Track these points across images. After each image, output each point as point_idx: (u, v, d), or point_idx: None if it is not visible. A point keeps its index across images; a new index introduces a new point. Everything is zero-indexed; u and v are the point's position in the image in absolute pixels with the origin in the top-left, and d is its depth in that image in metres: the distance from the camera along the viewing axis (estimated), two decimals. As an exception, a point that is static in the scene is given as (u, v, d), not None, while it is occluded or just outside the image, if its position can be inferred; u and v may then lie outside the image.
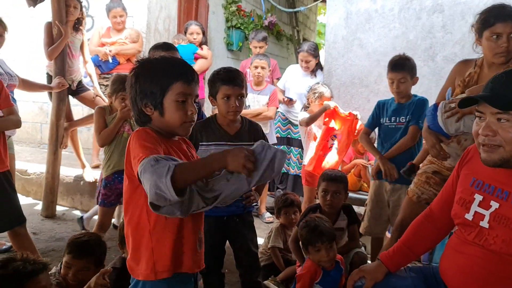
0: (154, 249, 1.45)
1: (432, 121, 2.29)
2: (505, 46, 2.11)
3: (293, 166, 4.45)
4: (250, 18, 7.31)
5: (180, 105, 1.48)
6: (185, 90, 1.48)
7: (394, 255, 1.82)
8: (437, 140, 2.28)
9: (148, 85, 1.48)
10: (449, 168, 2.29)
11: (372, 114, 2.99)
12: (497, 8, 2.16)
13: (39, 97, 5.51)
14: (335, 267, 2.37)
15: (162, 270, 1.46)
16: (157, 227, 1.45)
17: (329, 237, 2.33)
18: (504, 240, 1.48)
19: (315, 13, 11.91)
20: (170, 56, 1.59)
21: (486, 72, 2.24)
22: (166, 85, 1.47)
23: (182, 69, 1.51)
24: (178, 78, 1.48)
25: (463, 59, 2.45)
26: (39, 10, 4.23)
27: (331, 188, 2.78)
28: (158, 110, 1.48)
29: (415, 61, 2.93)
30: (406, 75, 2.77)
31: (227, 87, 2.20)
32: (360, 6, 4.45)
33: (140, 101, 1.50)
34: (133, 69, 1.53)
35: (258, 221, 4.22)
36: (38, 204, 4.25)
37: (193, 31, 4.89)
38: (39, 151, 5.59)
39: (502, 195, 1.52)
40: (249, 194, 2.32)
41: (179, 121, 1.49)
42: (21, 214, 2.61)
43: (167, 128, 1.51)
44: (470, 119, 2.15)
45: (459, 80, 2.34)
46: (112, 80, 3.02)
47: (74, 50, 4.18)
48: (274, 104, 4.17)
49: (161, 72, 1.49)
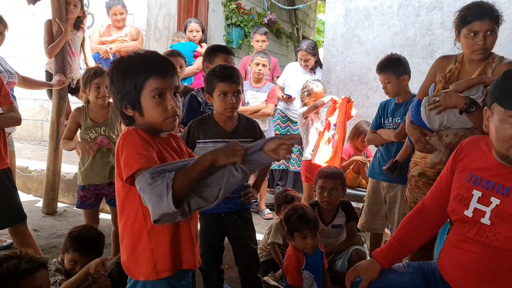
0: (153, 250, 1.44)
1: (415, 116, 2.30)
2: (481, 43, 2.13)
3: (293, 163, 4.47)
4: (250, 16, 7.31)
5: (158, 101, 1.42)
6: (160, 85, 1.42)
7: (387, 252, 1.82)
8: (421, 134, 2.28)
9: (122, 85, 1.43)
10: (432, 165, 2.30)
11: (375, 116, 2.98)
12: (475, 6, 2.18)
13: (40, 95, 5.52)
14: (315, 251, 2.40)
15: (163, 269, 1.45)
16: (155, 228, 1.42)
17: (314, 225, 2.36)
18: (506, 236, 1.48)
19: (315, 11, 11.91)
20: (142, 51, 1.50)
21: (467, 67, 2.26)
22: (140, 83, 1.41)
23: (154, 63, 1.45)
24: (150, 74, 1.41)
25: (443, 55, 2.46)
26: (39, 7, 4.25)
27: (328, 185, 2.80)
28: (137, 110, 1.43)
29: (414, 58, 2.94)
30: (390, 75, 2.77)
31: (224, 84, 2.20)
32: (359, 3, 4.46)
33: (119, 103, 1.45)
34: (108, 72, 1.49)
35: (258, 217, 4.24)
36: (39, 201, 4.26)
37: (192, 28, 4.89)
38: (39, 148, 5.60)
39: (503, 191, 1.52)
40: (247, 191, 2.33)
41: (160, 118, 1.43)
42: (21, 211, 2.62)
43: (151, 126, 1.46)
44: (453, 113, 2.17)
45: (440, 76, 2.35)
46: (82, 75, 2.89)
47: (74, 48, 4.19)
48: (272, 101, 4.19)
49: (132, 70, 1.42)
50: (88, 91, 2.79)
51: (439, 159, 2.26)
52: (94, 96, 2.77)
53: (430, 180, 2.29)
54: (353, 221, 2.94)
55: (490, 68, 2.19)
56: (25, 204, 3.31)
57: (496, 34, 2.16)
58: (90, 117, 2.83)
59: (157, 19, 5.53)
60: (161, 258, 1.45)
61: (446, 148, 2.23)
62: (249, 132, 2.35)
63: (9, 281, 1.68)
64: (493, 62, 2.19)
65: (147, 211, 1.39)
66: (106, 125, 2.84)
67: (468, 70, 2.25)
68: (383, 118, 2.91)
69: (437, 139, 2.27)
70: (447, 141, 2.22)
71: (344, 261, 2.81)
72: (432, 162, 2.29)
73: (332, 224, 2.90)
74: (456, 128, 2.20)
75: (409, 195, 2.45)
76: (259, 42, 4.81)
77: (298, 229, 2.36)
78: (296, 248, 2.38)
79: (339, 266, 2.83)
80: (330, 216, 2.90)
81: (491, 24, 2.12)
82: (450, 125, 2.20)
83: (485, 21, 2.11)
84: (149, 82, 1.41)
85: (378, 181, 2.86)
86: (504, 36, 3.94)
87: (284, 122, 4.59)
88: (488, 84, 2.10)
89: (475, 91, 2.12)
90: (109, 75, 1.47)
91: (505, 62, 2.19)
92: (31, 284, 1.72)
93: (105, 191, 2.82)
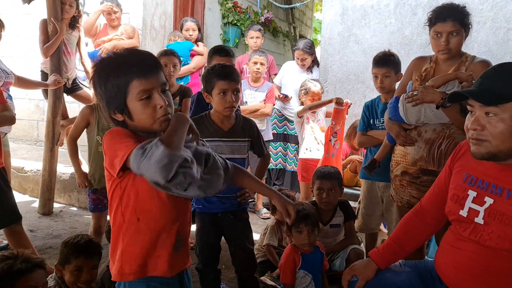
0: (123, 251, 1.41)
1: (393, 113, 2.38)
2: (444, 44, 2.24)
3: (290, 162, 4.47)
4: (247, 15, 7.30)
5: (146, 103, 1.33)
6: (145, 86, 1.32)
7: (384, 252, 1.82)
8: (400, 128, 2.36)
9: (105, 90, 1.35)
10: (413, 163, 2.32)
11: (362, 118, 2.98)
12: (440, 8, 2.28)
13: (35, 94, 5.50)
14: (314, 251, 2.40)
15: (128, 272, 1.41)
16: (129, 229, 1.40)
17: (312, 220, 2.35)
18: (499, 235, 1.49)
19: (311, 9, 11.90)
20: (122, 51, 1.39)
21: (442, 66, 2.36)
22: (123, 87, 1.32)
23: (135, 63, 1.34)
24: (133, 75, 1.32)
25: (419, 56, 2.57)
26: (34, 7, 4.23)
27: (326, 186, 2.79)
28: (126, 115, 1.36)
29: (411, 56, 2.93)
30: (390, 70, 2.79)
31: (224, 82, 2.19)
32: (356, 2, 4.45)
33: (106, 108, 1.38)
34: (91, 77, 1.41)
35: (255, 217, 4.24)
36: (35, 201, 4.24)
37: (189, 27, 4.88)
38: (35, 149, 5.58)
39: (497, 190, 1.53)
40: (243, 191, 2.32)
41: (150, 120, 1.35)
42: (16, 211, 2.60)
43: (143, 129, 1.39)
44: (430, 109, 2.23)
45: (416, 75, 2.43)
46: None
47: (70, 48, 4.17)
48: (271, 101, 4.20)
49: (113, 74, 1.33)
50: None
51: (419, 155, 2.30)
52: None
53: (413, 178, 2.33)
54: (351, 221, 2.94)
55: (463, 66, 2.29)
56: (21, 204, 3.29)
57: (461, 34, 2.25)
58: (104, 118, 2.76)
59: (153, 18, 5.51)
60: (128, 261, 1.41)
61: (426, 143, 2.28)
62: (247, 132, 2.35)
63: (4, 281, 1.66)
64: (466, 61, 2.31)
65: (125, 211, 1.37)
66: None
67: (443, 69, 2.34)
68: (373, 119, 2.92)
69: (417, 135, 2.31)
70: (427, 137, 2.28)
71: (342, 260, 2.81)
72: (413, 159, 2.33)
73: (330, 224, 2.90)
74: (434, 124, 2.27)
75: (395, 195, 2.48)
76: (254, 38, 4.82)
77: (295, 224, 2.37)
78: (294, 248, 2.37)
79: (337, 265, 2.83)
80: (328, 216, 2.89)
81: (454, 25, 2.22)
82: (428, 121, 2.28)
83: (448, 22, 2.22)
84: (133, 85, 1.32)
85: (373, 182, 2.86)
86: (500, 35, 3.95)
87: (281, 121, 4.59)
88: (463, 80, 2.20)
89: (451, 86, 2.21)
90: (92, 80, 1.40)
91: (476, 60, 2.30)
92: (26, 284, 1.70)
93: None
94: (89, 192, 2.86)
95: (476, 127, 1.49)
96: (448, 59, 2.31)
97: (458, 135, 2.19)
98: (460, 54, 2.33)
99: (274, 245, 2.98)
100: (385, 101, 2.84)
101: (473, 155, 1.53)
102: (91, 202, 2.87)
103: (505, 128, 1.44)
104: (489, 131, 1.47)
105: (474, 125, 1.49)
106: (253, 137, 2.38)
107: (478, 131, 1.49)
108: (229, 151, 2.30)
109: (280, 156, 4.52)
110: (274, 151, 4.51)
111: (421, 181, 2.31)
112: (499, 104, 1.44)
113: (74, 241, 2.09)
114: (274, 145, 4.52)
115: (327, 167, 2.97)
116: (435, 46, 2.30)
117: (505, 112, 1.43)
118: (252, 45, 4.84)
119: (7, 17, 5.15)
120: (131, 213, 1.40)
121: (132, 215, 1.40)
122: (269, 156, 2.64)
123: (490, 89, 1.48)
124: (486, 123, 1.47)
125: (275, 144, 4.52)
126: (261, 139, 2.47)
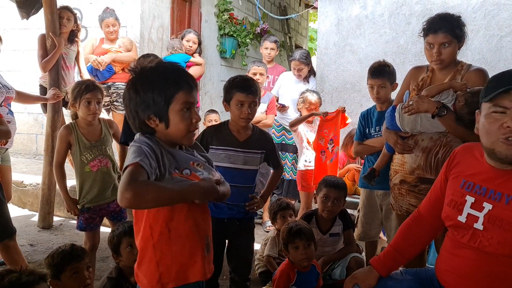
0: (159, 263, 1.45)
1: (390, 122, 2.42)
2: (436, 55, 2.27)
3: (288, 171, 4.47)
4: (243, 26, 7.36)
5: (186, 114, 1.45)
6: (188, 99, 1.45)
7: (385, 260, 1.83)
8: (397, 136, 2.39)
9: (150, 96, 1.42)
10: (411, 171, 2.35)
11: (358, 127, 3.02)
12: (432, 19, 2.31)
13: (34, 108, 5.51)
14: (310, 270, 2.41)
15: (167, 281, 1.46)
16: (161, 240, 1.45)
17: (307, 235, 2.39)
18: (499, 241, 1.49)
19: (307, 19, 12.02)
20: (168, 63, 1.54)
21: (438, 76, 2.38)
22: (170, 95, 1.42)
23: (184, 77, 1.47)
24: (181, 87, 1.44)
25: (416, 66, 2.59)
26: (32, 22, 4.26)
27: (333, 195, 2.80)
28: (164, 122, 1.44)
29: (406, 65, 2.98)
30: (385, 81, 2.82)
31: (242, 94, 2.27)
32: (350, 13, 4.51)
33: (142, 113, 1.44)
34: (130, 81, 1.48)
35: (260, 228, 4.22)
36: (35, 215, 4.24)
37: (190, 39, 4.92)
38: (34, 162, 5.58)
39: (495, 196, 1.53)
40: (252, 201, 2.35)
41: (185, 131, 1.46)
42: (10, 226, 2.55)
43: (171, 139, 1.48)
44: (426, 118, 2.25)
45: (413, 85, 2.46)
46: (72, 88, 2.69)
47: (68, 62, 4.20)
48: (272, 112, 4.20)
49: (162, 82, 1.43)
50: (78, 105, 2.62)
51: (417, 164, 2.32)
52: (84, 112, 2.62)
53: (411, 186, 2.35)
54: (351, 229, 2.95)
55: (459, 75, 2.31)
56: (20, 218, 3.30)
57: (453, 45, 2.27)
58: (85, 136, 2.68)
59: (151, 31, 5.55)
60: (166, 271, 1.46)
61: (423, 152, 2.30)
62: (262, 144, 2.40)
63: None
64: (462, 70, 2.32)
65: (154, 224, 1.42)
66: (102, 143, 2.72)
67: (439, 78, 2.37)
68: (368, 128, 2.95)
69: (414, 144, 2.34)
70: (424, 145, 2.30)
71: (342, 269, 2.82)
72: (411, 168, 2.35)
73: (329, 233, 2.91)
74: (431, 132, 2.29)
75: (394, 203, 2.50)
76: (268, 49, 4.79)
77: (290, 240, 2.40)
78: (291, 264, 2.39)
79: (338, 274, 2.83)
80: (327, 225, 2.90)
81: (446, 37, 2.24)
82: (424, 130, 2.30)
83: (439, 34, 2.24)
84: (179, 95, 1.43)
85: (372, 190, 2.88)
86: (493, 42, 4.01)
87: (279, 131, 4.60)
88: (457, 89, 2.22)
89: (446, 95, 2.23)
90: (132, 85, 1.46)
91: (472, 69, 2.32)
92: None
93: (110, 208, 2.77)
94: (82, 211, 2.71)
95: None
96: (442, 69, 2.34)
97: (455, 143, 2.21)
98: (456, 63, 2.35)
99: (274, 256, 2.99)
100: (380, 110, 2.87)
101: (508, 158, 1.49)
102: (82, 222, 2.71)
103: None
104: None
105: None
106: (269, 150, 2.44)
107: None
108: (242, 161, 2.34)
109: None
110: (272, 161, 4.52)
111: (419, 189, 2.33)
112: None
113: (59, 251, 2.13)
114: (273, 155, 4.52)
115: (334, 177, 2.99)
116: (428, 56, 2.34)
117: None
118: (266, 55, 4.82)
119: (5, 32, 5.20)
120: (161, 225, 1.45)
121: (163, 227, 1.44)
122: (283, 168, 2.70)
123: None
124: None
125: None
126: (277, 152, 2.52)
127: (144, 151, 1.37)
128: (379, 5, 4.40)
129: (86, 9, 5.48)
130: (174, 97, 1.43)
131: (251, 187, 2.42)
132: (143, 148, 1.38)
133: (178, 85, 1.44)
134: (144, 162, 1.33)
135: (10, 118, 3.17)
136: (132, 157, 1.35)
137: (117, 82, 4.75)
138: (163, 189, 1.34)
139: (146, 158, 1.35)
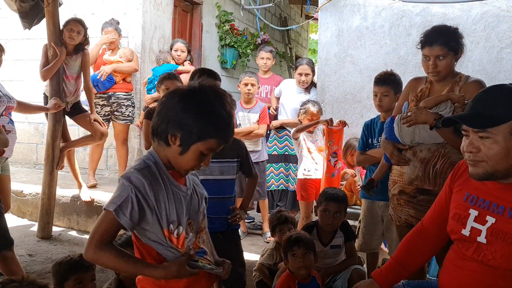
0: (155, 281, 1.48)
1: (389, 133, 2.42)
2: (432, 68, 2.29)
3: (293, 182, 4.44)
4: (244, 36, 7.41)
5: (202, 157, 1.44)
6: (215, 148, 1.44)
7: (387, 273, 1.82)
8: (394, 148, 2.40)
9: (190, 122, 1.38)
10: (409, 182, 2.35)
11: (361, 137, 3.03)
12: (428, 31, 2.33)
13: (34, 118, 5.52)
14: (311, 281, 2.38)
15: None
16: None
17: (306, 243, 2.36)
18: (503, 255, 1.48)
19: (307, 30, 12.10)
20: (224, 103, 1.43)
21: (436, 87, 2.39)
22: (205, 135, 1.40)
23: (228, 129, 1.45)
24: (218, 136, 1.43)
25: (415, 77, 2.61)
26: (35, 32, 4.29)
27: (333, 209, 2.76)
28: (182, 149, 1.42)
29: (406, 76, 2.99)
30: (389, 90, 2.83)
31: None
32: (351, 24, 4.54)
33: (171, 128, 1.40)
34: (184, 94, 1.42)
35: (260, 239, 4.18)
36: (34, 225, 4.22)
37: (178, 48, 4.92)
38: (34, 172, 5.57)
39: (498, 209, 1.53)
40: (234, 213, 2.34)
41: (189, 168, 1.48)
42: (8, 237, 2.54)
43: (173, 162, 1.47)
44: (424, 130, 2.26)
45: (412, 96, 2.47)
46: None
47: (69, 72, 4.20)
48: (264, 121, 4.20)
49: (208, 119, 1.39)
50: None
51: (415, 175, 2.32)
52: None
53: (410, 197, 2.35)
54: (352, 241, 2.92)
55: (457, 86, 2.32)
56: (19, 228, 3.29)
57: (449, 58, 2.27)
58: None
59: (152, 42, 5.58)
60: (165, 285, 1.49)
61: (421, 163, 2.30)
62: (235, 152, 2.40)
63: None
64: (460, 81, 2.34)
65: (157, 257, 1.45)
66: None
67: (437, 89, 2.38)
68: (371, 138, 2.95)
69: (412, 154, 2.34)
70: (422, 156, 2.30)
71: (344, 281, 2.78)
72: (409, 179, 2.35)
73: (331, 245, 2.88)
74: (429, 143, 2.29)
75: (393, 214, 2.49)
76: (264, 59, 4.81)
77: (289, 248, 2.38)
78: (291, 275, 2.37)
79: (339, 286, 2.80)
80: (328, 237, 2.87)
81: (442, 49, 2.25)
82: (422, 141, 2.31)
83: (434, 47, 2.26)
84: (211, 141, 1.42)
85: (373, 201, 2.87)
86: (494, 54, 4.03)
87: (281, 142, 4.57)
88: (455, 101, 2.24)
89: (444, 107, 2.25)
90: (185, 99, 1.40)
91: (470, 81, 2.33)
92: None
93: None
94: None
95: (472, 149, 1.51)
96: (439, 80, 2.34)
97: (453, 154, 2.21)
98: (454, 74, 2.36)
99: (267, 265, 2.96)
100: (384, 120, 2.87)
101: (472, 176, 1.55)
102: None
103: (499, 150, 1.45)
104: (484, 153, 1.48)
105: (470, 148, 1.51)
106: (242, 157, 2.43)
107: (474, 153, 1.50)
108: (218, 172, 2.33)
109: (282, 177, 4.50)
110: (275, 172, 4.50)
111: (418, 200, 2.32)
112: (491, 128, 1.45)
113: (67, 259, 2.13)
114: (276, 166, 4.49)
115: (335, 189, 2.96)
116: (425, 68, 2.35)
117: (497, 134, 1.45)
118: (262, 65, 4.84)
119: (7, 42, 5.22)
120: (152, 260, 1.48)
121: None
122: (257, 176, 2.66)
123: (481, 113, 1.50)
124: (480, 145, 1.49)
125: (277, 165, 4.49)
126: (250, 159, 2.51)
127: (130, 197, 1.35)
128: (379, 17, 4.43)
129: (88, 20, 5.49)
130: (206, 139, 1.41)
131: (231, 198, 2.40)
132: (130, 194, 1.36)
133: (218, 132, 1.42)
134: (122, 212, 1.34)
135: (11, 128, 3.17)
136: (114, 198, 1.37)
137: (117, 92, 4.77)
138: (122, 264, 1.38)
139: (126, 208, 1.34)
